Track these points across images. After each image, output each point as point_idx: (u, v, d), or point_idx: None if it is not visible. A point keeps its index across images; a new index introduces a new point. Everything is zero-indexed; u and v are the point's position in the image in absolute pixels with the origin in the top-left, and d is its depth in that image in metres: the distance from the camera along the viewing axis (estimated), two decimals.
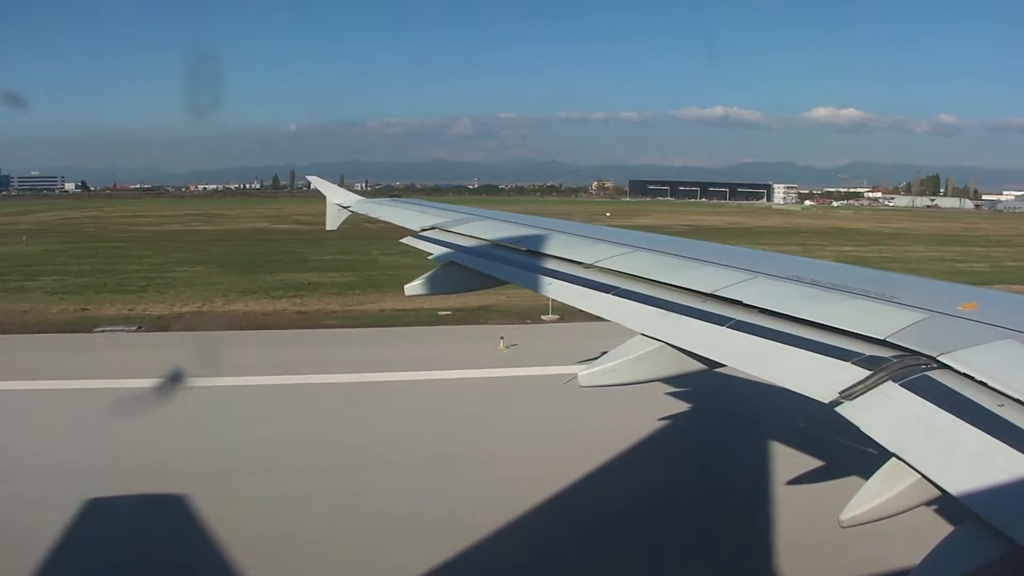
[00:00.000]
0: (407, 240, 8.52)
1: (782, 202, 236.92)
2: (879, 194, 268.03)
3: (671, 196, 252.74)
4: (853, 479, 3.13)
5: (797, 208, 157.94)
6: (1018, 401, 2.71)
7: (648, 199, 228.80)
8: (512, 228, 7.49)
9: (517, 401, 15.65)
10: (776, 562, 9.40)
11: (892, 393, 3.05)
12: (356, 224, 11.76)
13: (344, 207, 11.39)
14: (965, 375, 2.96)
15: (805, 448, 12.04)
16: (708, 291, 4.49)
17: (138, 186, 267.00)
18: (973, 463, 2.61)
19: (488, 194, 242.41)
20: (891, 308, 3.75)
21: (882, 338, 3.39)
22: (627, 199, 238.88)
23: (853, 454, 4.95)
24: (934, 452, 2.75)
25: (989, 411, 2.74)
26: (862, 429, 2.96)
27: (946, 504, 2.63)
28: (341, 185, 14.17)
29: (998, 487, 2.45)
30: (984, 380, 2.88)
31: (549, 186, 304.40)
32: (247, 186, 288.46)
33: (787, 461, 11.85)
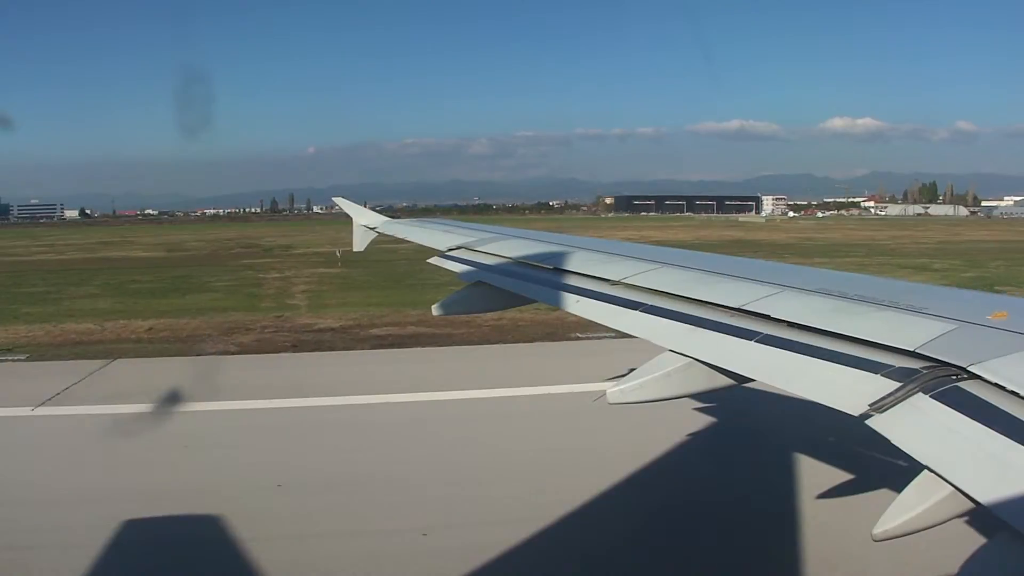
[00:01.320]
0: (434, 260, 8.63)
1: (769, 214, 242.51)
2: (872, 203, 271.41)
3: (657, 211, 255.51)
4: (884, 492, 3.13)
5: (761, 220, 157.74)
6: None
7: (630, 214, 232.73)
8: (538, 246, 7.57)
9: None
10: None
11: (923, 405, 3.05)
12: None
13: (371, 228, 11.54)
14: (997, 385, 2.95)
15: (835, 462, 11.92)
16: (736, 306, 4.52)
17: (137, 213, 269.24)
18: (1007, 474, 2.60)
19: (478, 213, 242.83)
20: (920, 319, 3.74)
21: (912, 349, 3.39)
22: (611, 215, 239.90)
23: (884, 467, 4.93)
24: (967, 464, 2.75)
25: (1022, 421, 2.73)
26: (893, 442, 2.97)
27: (980, 517, 2.63)
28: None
29: None
30: (1016, 390, 2.86)
31: (541, 204, 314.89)
32: (246, 210, 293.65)
33: (817, 475, 11.73)
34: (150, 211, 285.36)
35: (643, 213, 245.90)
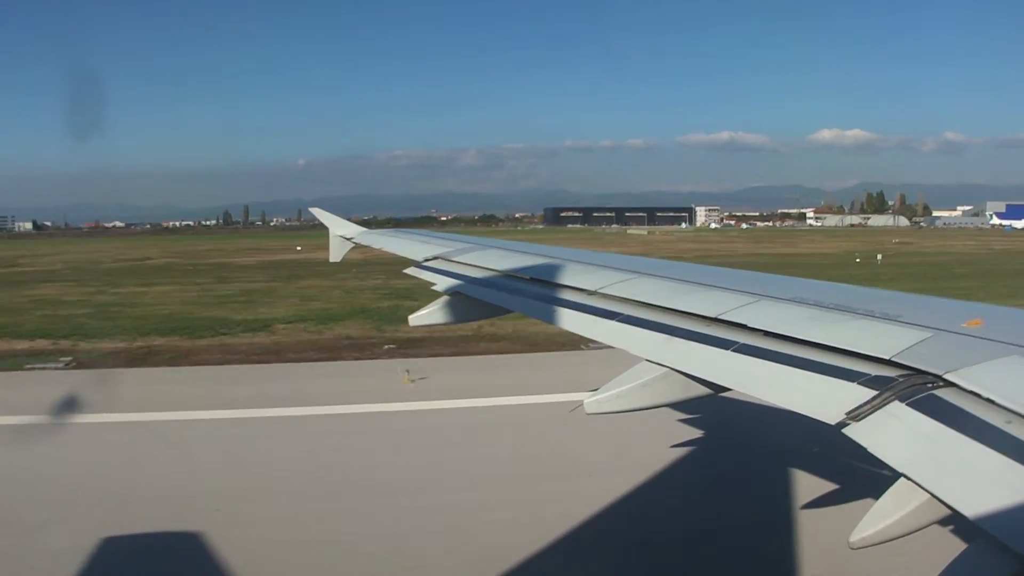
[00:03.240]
0: (410, 270, 8.57)
1: (699, 224, 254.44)
2: (811, 212, 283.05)
3: (584, 223, 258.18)
4: (867, 501, 3.11)
5: (643, 232, 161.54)
6: None
7: (559, 227, 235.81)
8: (515, 257, 7.53)
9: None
10: None
11: (899, 413, 3.04)
12: None
13: (347, 239, 11.46)
14: (972, 393, 2.95)
15: (814, 470, 11.97)
16: (712, 315, 4.50)
17: (85, 226, 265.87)
18: (982, 481, 2.59)
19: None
20: (896, 327, 3.74)
21: (887, 358, 3.38)
22: (539, 226, 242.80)
23: (863, 475, 4.93)
24: (943, 471, 2.74)
25: (997, 428, 2.72)
26: (869, 450, 2.95)
27: (957, 523, 2.61)
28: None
29: (1008, 504, 2.44)
30: (991, 397, 2.86)
31: (488, 215, 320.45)
32: (201, 223, 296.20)
33: (797, 483, 11.78)
34: (118, 223, 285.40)
35: (568, 226, 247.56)
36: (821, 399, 3.37)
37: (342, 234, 11.59)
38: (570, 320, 5.49)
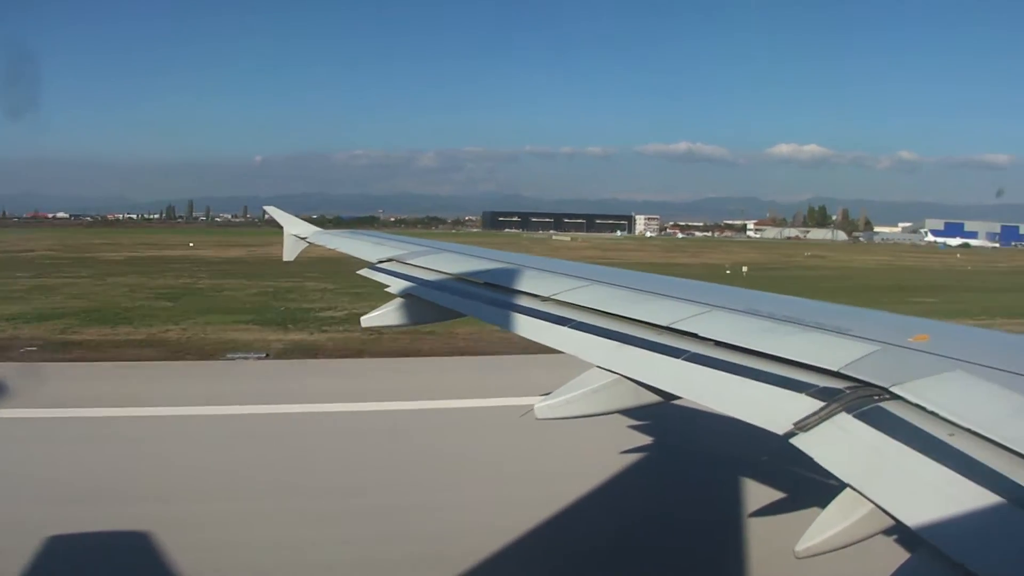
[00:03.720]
0: (364, 272, 8.50)
1: (634, 233, 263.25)
2: (752, 225, 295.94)
3: (522, 228, 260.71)
4: (811, 510, 3.13)
5: (566, 239, 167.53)
6: (968, 430, 2.75)
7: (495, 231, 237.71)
8: (470, 261, 7.51)
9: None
10: None
11: (845, 424, 3.08)
12: None
13: (301, 238, 11.33)
14: (917, 406, 3.00)
15: (763, 479, 12.10)
16: (664, 324, 4.51)
17: (27, 215, 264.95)
18: (925, 492, 2.63)
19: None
20: (845, 340, 3.79)
21: (836, 370, 3.42)
22: (475, 230, 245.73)
23: (813, 485, 4.98)
24: (887, 482, 2.77)
25: (940, 440, 2.77)
26: (816, 460, 2.98)
27: (901, 533, 2.64)
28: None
29: (949, 514, 2.48)
30: (935, 410, 2.91)
31: (432, 218, 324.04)
32: (144, 216, 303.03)
33: (745, 492, 11.89)
34: (62, 214, 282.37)
35: (506, 230, 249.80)
36: (770, 409, 3.39)
37: (296, 233, 11.44)
38: (523, 325, 5.47)
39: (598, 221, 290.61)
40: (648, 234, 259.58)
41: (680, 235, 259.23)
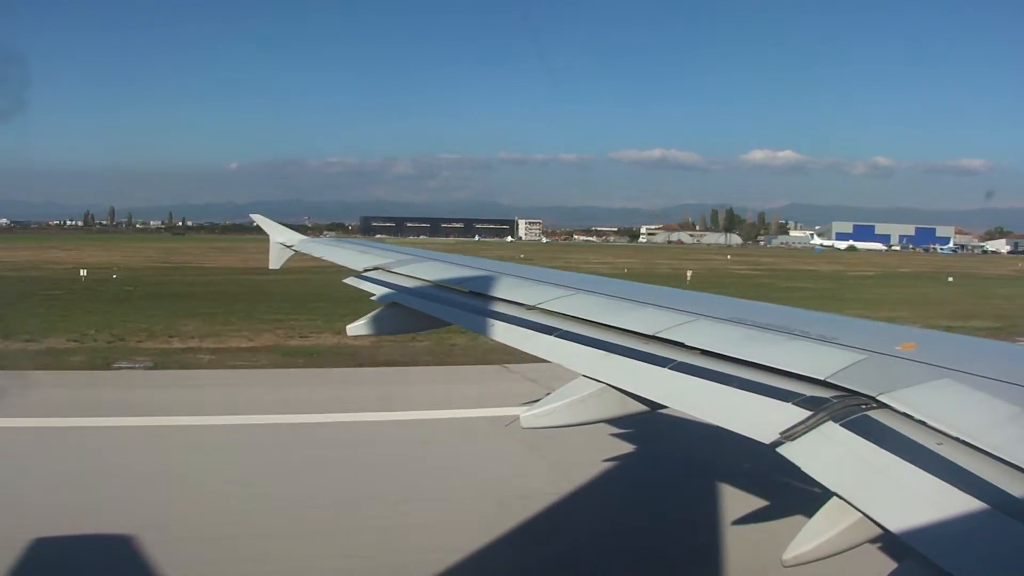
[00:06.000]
0: (349, 280, 8.50)
1: (523, 238, 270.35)
2: (644, 229, 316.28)
3: (397, 234, 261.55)
4: (798, 518, 3.11)
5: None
6: (955, 439, 2.75)
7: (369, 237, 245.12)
8: (455, 270, 7.53)
9: None
10: None
11: (832, 433, 3.07)
12: None
13: (288, 246, 11.33)
14: (904, 414, 3.00)
15: (751, 488, 12.09)
16: (650, 333, 4.51)
17: None
18: (912, 500, 2.63)
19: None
20: (831, 349, 3.79)
21: (822, 379, 3.42)
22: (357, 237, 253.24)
23: (799, 494, 4.98)
24: (874, 490, 2.77)
25: (928, 449, 2.77)
26: (803, 469, 2.97)
27: (888, 542, 2.63)
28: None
29: (937, 523, 2.48)
30: (923, 419, 2.91)
31: (336, 224, 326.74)
32: (65, 223, 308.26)
33: (733, 501, 11.87)
34: (4, 220, 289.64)
35: (378, 236, 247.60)
36: (756, 418, 3.39)
37: (282, 241, 11.47)
38: (508, 334, 5.46)
39: (479, 226, 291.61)
40: (544, 239, 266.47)
41: (545, 239, 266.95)
